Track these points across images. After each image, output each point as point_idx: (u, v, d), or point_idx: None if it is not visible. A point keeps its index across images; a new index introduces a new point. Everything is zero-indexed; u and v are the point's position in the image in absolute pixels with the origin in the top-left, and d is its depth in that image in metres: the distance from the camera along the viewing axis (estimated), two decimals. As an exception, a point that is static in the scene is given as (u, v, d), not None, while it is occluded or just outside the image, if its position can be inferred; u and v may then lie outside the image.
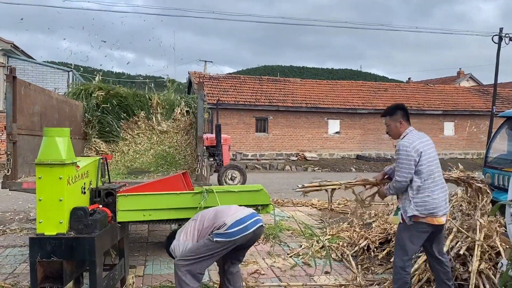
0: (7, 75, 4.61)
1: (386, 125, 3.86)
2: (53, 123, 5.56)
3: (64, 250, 3.13)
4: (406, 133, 3.71)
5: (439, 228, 3.64)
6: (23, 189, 4.68)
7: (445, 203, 3.63)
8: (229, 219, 3.36)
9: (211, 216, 3.44)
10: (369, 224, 6.34)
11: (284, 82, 25.45)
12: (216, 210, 3.51)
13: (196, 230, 3.43)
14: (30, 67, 20.61)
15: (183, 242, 3.41)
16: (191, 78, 23.99)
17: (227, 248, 3.35)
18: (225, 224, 3.34)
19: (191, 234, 3.42)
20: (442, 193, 3.63)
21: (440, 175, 3.69)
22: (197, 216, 3.56)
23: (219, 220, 3.38)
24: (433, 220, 3.55)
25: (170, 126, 7.05)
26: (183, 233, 3.46)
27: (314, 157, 22.17)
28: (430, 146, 3.68)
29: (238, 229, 3.32)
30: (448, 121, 25.20)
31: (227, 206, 3.58)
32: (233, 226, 3.32)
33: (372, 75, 78.74)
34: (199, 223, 3.45)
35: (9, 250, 5.63)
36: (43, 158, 3.10)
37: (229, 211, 3.46)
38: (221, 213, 3.45)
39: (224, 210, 3.48)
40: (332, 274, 4.78)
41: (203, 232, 3.40)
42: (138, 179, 5.43)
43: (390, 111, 3.81)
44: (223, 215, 3.41)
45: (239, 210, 3.50)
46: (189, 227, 3.48)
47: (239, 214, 3.42)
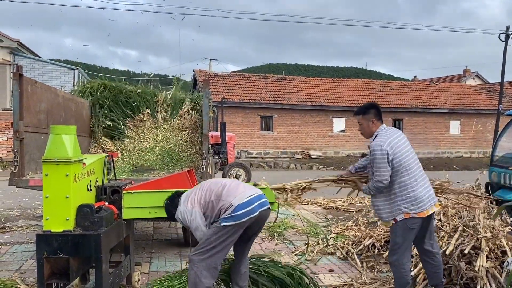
0: (14, 73, 4.63)
1: (358, 124, 3.90)
2: (59, 120, 5.59)
3: (71, 247, 3.15)
4: (378, 132, 3.75)
5: (427, 219, 3.66)
6: (29, 186, 4.70)
7: (430, 194, 3.66)
8: (236, 199, 3.30)
9: (219, 191, 3.38)
10: (374, 223, 6.33)
11: (289, 80, 25.42)
12: (224, 186, 3.43)
13: (202, 199, 3.38)
14: (37, 65, 20.72)
15: (190, 209, 3.37)
16: (196, 76, 24.03)
17: (236, 233, 3.31)
18: (231, 205, 3.29)
19: (197, 203, 3.38)
20: (425, 185, 3.66)
21: (420, 168, 3.70)
22: (204, 184, 3.51)
23: (226, 200, 3.32)
24: (423, 213, 3.59)
25: (176, 124, 7.07)
26: (189, 201, 3.41)
27: (319, 155, 22.14)
28: (403, 141, 3.71)
29: (245, 212, 3.27)
30: (454, 120, 25.08)
31: (236, 184, 3.50)
32: (240, 208, 3.26)
33: (377, 73, 78.49)
34: (206, 194, 3.40)
35: (16, 247, 5.67)
36: (49, 155, 3.12)
37: (236, 190, 3.39)
38: (229, 191, 3.37)
39: (232, 189, 3.40)
40: (336, 272, 4.78)
41: (209, 205, 3.36)
42: (144, 177, 5.45)
43: (363, 110, 3.85)
44: (229, 194, 3.34)
45: (247, 189, 3.43)
46: (195, 195, 3.42)
47: (246, 194, 3.36)
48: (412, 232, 3.62)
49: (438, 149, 24.61)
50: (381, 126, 3.78)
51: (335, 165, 20.13)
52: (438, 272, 3.79)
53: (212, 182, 3.55)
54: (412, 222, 3.59)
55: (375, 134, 3.76)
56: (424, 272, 4.15)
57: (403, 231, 3.62)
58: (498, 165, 7.03)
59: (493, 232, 4.32)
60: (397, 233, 3.65)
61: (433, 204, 3.67)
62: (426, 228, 3.73)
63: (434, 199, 3.71)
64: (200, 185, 3.55)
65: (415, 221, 3.59)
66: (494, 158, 7.28)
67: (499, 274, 3.90)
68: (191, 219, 3.36)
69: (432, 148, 24.34)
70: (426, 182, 3.71)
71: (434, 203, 3.68)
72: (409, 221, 3.58)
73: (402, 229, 3.61)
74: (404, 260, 3.65)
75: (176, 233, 6.58)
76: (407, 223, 3.59)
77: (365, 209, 8.08)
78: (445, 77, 40.16)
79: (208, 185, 3.50)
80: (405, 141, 3.74)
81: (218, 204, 3.34)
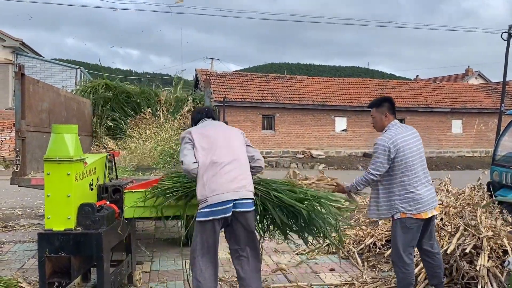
0: (16, 72, 4.64)
1: (371, 117, 3.88)
2: (61, 120, 5.60)
3: (72, 245, 3.17)
4: (388, 127, 3.73)
5: (427, 220, 3.65)
6: (31, 185, 4.71)
7: (431, 197, 3.63)
8: (212, 195, 3.12)
9: (207, 166, 3.18)
10: (376, 222, 6.32)
11: (291, 79, 25.41)
12: (219, 165, 3.19)
13: (199, 150, 3.27)
14: (39, 64, 20.78)
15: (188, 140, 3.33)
16: (198, 75, 24.03)
17: (212, 230, 3.18)
18: (206, 200, 3.14)
19: (199, 146, 3.29)
20: (427, 187, 3.63)
21: (424, 170, 3.67)
22: (199, 142, 3.29)
23: (205, 189, 3.13)
24: (420, 215, 3.57)
25: (177, 123, 7.08)
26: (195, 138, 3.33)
27: (321, 154, 22.13)
28: (413, 141, 3.67)
29: (213, 211, 3.12)
30: (456, 119, 25.04)
31: (228, 170, 3.20)
32: (211, 207, 3.13)
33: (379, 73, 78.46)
34: (202, 157, 3.22)
35: (18, 246, 5.69)
36: (51, 154, 3.13)
37: (221, 178, 3.16)
38: (214, 177, 3.15)
39: (218, 176, 3.16)
40: (338, 272, 4.78)
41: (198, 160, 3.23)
42: (145, 176, 5.46)
43: (377, 102, 3.83)
44: (211, 183, 3.14)
45: (233, 184, 3.17)
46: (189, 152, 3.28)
47: (224, 194, 3.13)
48: (411, 231, 3.61)
49: (440, 148, 24.58)
50: (393, 121, 3.75)
51: (337, 165, 20.13)
52: (439, 272, 3.79)
53: (210, 142, 3.32)
54: (409, 222, 3.58)
55: (385, 129, 3.74)
56: (425, 271, 4.15)
57: (401, 230, 3.61)
58: (500, 164, 7.01)
59: (494, 232, 4.32)
60: (396, 232, 3.65)
61: (433, 208, 3.64)
62: (426, 229, 3.72)
63: (435, 203, 3.67)
64: (191, 143, 3.32)
65: (412, 221, 3.58)
66: (496, 158, 7.26)
67: (500, 274, 3.90)
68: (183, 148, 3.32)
69: (434, 148, 24.31)
70: (429, 184, 3.68)
71: (434, 206, 3.65)
72: (406, 220, 3.58)
73: (400, 228, 3.61)
74: (406, 259, 3.64)
75: (178, 232, 6.58)
76: (405, 222, 3.59)
77: (366, 208, 8.08)
78: (447, 76, 40.09)
79: (207, 150, 3.27)
80: (416, 140, 3.69)
81: (200, 177, 3.19)
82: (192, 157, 3.25)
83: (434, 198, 3.67)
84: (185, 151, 3.29)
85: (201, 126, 3.56)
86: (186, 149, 3.30)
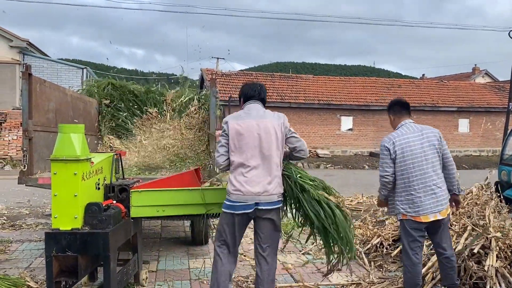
0: (23, 72, 4.66)
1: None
2: (67, 119, 5.62)
3: (79, 245, 3.18)
4: (398, 127, 3.83)
5: (434, 224, 3.61)
6: (38, 185, 4.73)
7: (434, 202, 3.56)
8: (236, 194, 3.27)
9: (236, 166, 3.31)
10: (382, 222, 6.30)
11: (296, 78, 25.35)
12: (241, 164, 3.29)
13: (232, 147, 3.35)
14: (45, 64, 20.88)
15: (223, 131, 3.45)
16: (203, 75, 24.06)
17: (231, 222, 3.34)
18: (229, 195, 3.33)
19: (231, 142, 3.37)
20: (428, 191, 3.56)
21: (428, 173, 3.59)
22: (233, 139, 3.34)
23: (231, 185, 3.29)
24: (420, 218, 3.56)
25: (183, 123, 7.08)
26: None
27: (327, 154, 22.07)
28: (418, 142, 3.63)
29: (234, 205, 3.29)
30: (463, 118, 24.87)
31: (254, 174, 3.26)
32: (233, 202, 3.30)
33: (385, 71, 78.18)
34: (233, 155, 3.33)
35: (25, 245, 5.72)
36: (58, 154, 3.14)
37: (245, 181, 3.26)
38: (239, 177, 3.28)
39: (243, 179, 3.27)
40: (344, 272, 4.76)
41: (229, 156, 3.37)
42: (151, 175, 5.47)
43: (389, 105, 4.06)
44: (236, 182, 3.28)
45: (256, 188, 3.25)
46: (232, 139, 3.36)
47: (246, 196, 3.25)
48: (412, 233, 3.61)
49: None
50: (404, 121, 3.83)
51: (343, 164, 20.05)
52: (451, 274, 3.76)
53: (242, 138, 3.34)
54: (410, 224, 3.61)
55: (396, 129, 3.86)
56: (432, 271, 4.14)
57: (403, 230, 3.69)
58: (508, 163, 6.95)
59: (503, 232, 4.28)
60: (401, 232, 3.75)
61: (437, 212, 3.56)
62: (435, 232, 3.69)
63: (439, 207, 3.57)
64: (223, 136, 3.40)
65: (412, 223, 3.60)
66: (504, 157, 7.21)
67: (509, 274, 3.87)
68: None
69: (440, 147, 24.14)
70: (436, 188, 3.59)
71: (439, 210, 3.57)
72: (407, 222, 3.63)
73: (403, 228, 3.69)
74: (413, 259, 3.63)
75: (184, 232, 6.60)
76: (405, 224, 3.64)
77: (373, 208, 8.04)
78: (454, 75, 39.85)
79: (239, 144, 3.33)
80: (421, 142, 3.64)
81: (230, 172, 3.37)
82: (223, 157, 3.38)
83: (439, 202, 3.58)
84: (219, 147, 3.41)
85: (243, 112, 3.50)
86: (220, 144, 3.41)
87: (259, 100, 3.58)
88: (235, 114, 3.52)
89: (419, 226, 3.60)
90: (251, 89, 3.59)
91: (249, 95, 3.57)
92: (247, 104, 3.55)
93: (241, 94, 3.65)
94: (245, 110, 3.53)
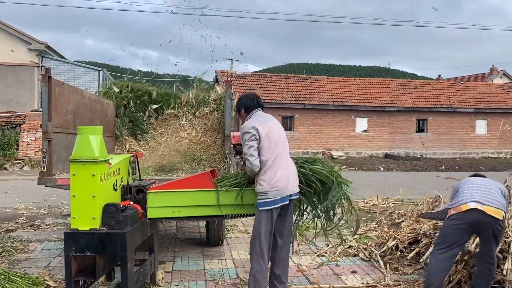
0: (42, 75, 4.74)
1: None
2: (85, 121, 5.70)
3: (97, 245, 3.22)
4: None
5: (480, 220, 3.61)
6: (57, 185, 4.80)
7: (479, 196, 3.70)
8: (273, 191, 3.56)
9: (269, 164, 3.61)
10: (398, 224, 6.25)
11: (311, 80, 25.30)
12: (273, 162, 3.62)
13: (265, 148, 3.66)
14: (63, 67, 21.20)
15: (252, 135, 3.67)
16: (218, 76, 24.16)
17: (271, 218, 3.59)
18: (266, 194, 3.56)
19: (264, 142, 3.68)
20: (475, 187, 3.81)
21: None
22: (264, 141, 3.65)
23: (267, 184, 3.54)
24: (459, 207, 3.68)
25: (198, 125, 7.13)
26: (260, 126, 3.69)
27: (341, 155, 21.96)
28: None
29: (274, 200, 3.56)
30: (480, 119, 24.50)
31: (285, 167, 3.69)
32: (272, 198, 3.56)
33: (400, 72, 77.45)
34: (265, 155, 3.62)
35: (44, 244, 5.83)
36: (77, 155, 3.20)
37: (281, 176, 3.59)
38: (275, 174, 3.58)
39: (278, 174, 3.59)
40: (359, 274, 4.74)
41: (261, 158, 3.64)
42: (167, 176, 5.52)
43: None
44: (272, 179, 3.56)
45: (290, 182, 3.66)
46: (266, 141, 3.66)
47: (283, 190, 3.59)
48: (454, 230, 3.68)
49: (463, 149, 24.09)
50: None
51: (358, 166, 19.92)
52: (486, 281, 3.81)
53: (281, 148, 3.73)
54: (451, 219, 3.73)
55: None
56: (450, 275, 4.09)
57: (445, 227, 3.80)
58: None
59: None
60: (442, 226, 3.90)
61: (479, 202, 3.64)
62: (483, 231, 3.72)
63: (487, 201, 3.65)
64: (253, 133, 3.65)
65: (454, 220, 3.69)
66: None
67: (528, 278, 3.80)
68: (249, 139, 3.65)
69: (457, 149, 23.85)
70: (480, 186, 3.86)
71: (482, 202, 3.64)
72: (450, 218, 3.76)
73: (445, 224, 3.81)
74: (445, 255, 3.68)
75: (199, 233, 6.64)
76: (448, 219, 3.77)
77: (389, 210, 7.99)
78: (471, 76, 39.24)
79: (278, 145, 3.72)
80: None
81: (263, 173, 3.60)
82: (258, 159, 3.62)
83: (485, 198, 3.71)
84: (253, 151, 3.61)
85: (259, 119, 3.79)
86: (253, 148, 3.62)
87: (259, 107, 3.95)
88: (252, 121, 3.78)
89: (462, 221, 3.73)
90: (250, 100, 3.95)
91: (250, 105, 3.92)
92: (254, 112, 3.89)
93: (240, 105, 3.98)
94: (257, 117, 3.85)
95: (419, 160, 21.61)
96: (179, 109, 7.26)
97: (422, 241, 5.09)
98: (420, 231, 5.31)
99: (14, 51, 20.40)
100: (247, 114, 3.90)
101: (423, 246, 5.00)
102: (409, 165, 20.16)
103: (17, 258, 5.19)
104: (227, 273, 4.73)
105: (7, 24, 20.66)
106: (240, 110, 3.98)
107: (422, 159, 21.81)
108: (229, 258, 5.29)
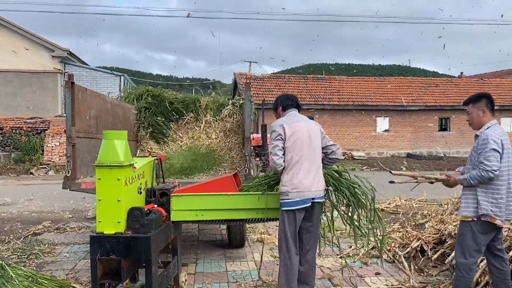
0: (66, 81, 4.84)
1: (467, 113, 3.75)
2: (108, 126, 5.79)
3: (122, 248, 3.25)
4: (491, 124, 3.55)
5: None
6: (81, 189, 4.89)
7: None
8: (294, 192, 3.58)
9: (293, 165, 3.64)
10: (422, 225, 6.15)
11: (330, 80, 25.12)
12: (297, 162, 3.64)
13: (287, 146, 3.70)
14: (85, 72, 21.61)
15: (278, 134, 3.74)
16: (237, 79, 24.22)
17: (295, 218, 3.61)
18: (287, 194, 3.59)
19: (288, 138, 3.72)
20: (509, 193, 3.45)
21: (510, 177, 3.47)
22: (289, 140, 3.69)
23: (289, 184, 3.59)
24: (504, 223, 3.49)
25: (218, 127, 7.17)
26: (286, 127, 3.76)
27: (362, 156, 21.73)
28: (508, 146, 3.48)
29: (296, 201, 3.59)
30: (506, 117, 23.90)
31: (309, 170, 3.65)
32: (294, 199, 3.58)
33: (421, 71, 76.21)
34: (290, 154, 3.67)
35: (69, 247, 5.94)
36: (102, 160, 3.24)
37: (303, 178, 3.60)
38: (298, 176, 3.60)
39: (300, 176, 3.61)
40: (383, 275, 4.68)
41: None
42: (189, 179, 5.56)
43: (474, 98, 3.68)
44: (294, 180, 3.59)
45: (313, 186, 3.64)
46: (290, 140, 3.70)
47: (305, 192, 3.60)
48: (485, 237, 3.46)
49: (488, 148, 23.52)
50: (493, 120, 3.59)
51: (379, 166, 19.67)
52: (507, 279, 3.57)
53: (304, 140, 3.71)
54: (490, 227, 3.44)
55: (487, 125, 3.56)
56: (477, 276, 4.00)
57: (475, 234, 3.44)
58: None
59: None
60: (467, 234, 3.47)
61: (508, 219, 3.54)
62: (497, 234, 3.58)
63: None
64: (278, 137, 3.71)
65: (492, 228, 3.44)
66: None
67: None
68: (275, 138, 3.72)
69: (481, 147, 23.30)
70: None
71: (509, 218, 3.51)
72: (489, 225, 3.42)
73: (476, 231, 3.44)
74: (472, 264, 3.50)
75: (221, 235, 6.66)
76: (486, 226, 3.43)
77: (412, 210, 7.88)
78: (494, 73, 38.34)
79: (294, 142, 3.70)
80: (509, 146, 3.49)
81: (286, 173, 3.64)
82: (282, 159, 3.66)
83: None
84: (277, 150, 3.67)
85: (290, 118, 3.86)
86: (278, 147, 3.67)
87: (296, 108, 4.01)
88: (282, 119, 3.86)
89: (495, 231, 3.50)
90: (289, 99, 4.03)
91: (288, 104, 3.99)
92: (289, 111, 3.96)
93: (278, 102, 4.06)
94: (289, 116, 3.91)
95: (442, 159, 21.21)
96: (199, 113, 7.31)
97: (447, 242, 4.99)
98: (445, 232, 5.21)
99: (38, 59, 20.90)
100: (283, 112, 3.99)
101: (448, 247, 4.91)
102: (432, 165, 19.82)
103: (44, 260, 5.30)
104: (249, 275, 4.74)
105: (31, 32, 21.19)
106: (277, 108, 4.04)
107: (445, 159, 21.40)
108: (251, 260, 5.29)
